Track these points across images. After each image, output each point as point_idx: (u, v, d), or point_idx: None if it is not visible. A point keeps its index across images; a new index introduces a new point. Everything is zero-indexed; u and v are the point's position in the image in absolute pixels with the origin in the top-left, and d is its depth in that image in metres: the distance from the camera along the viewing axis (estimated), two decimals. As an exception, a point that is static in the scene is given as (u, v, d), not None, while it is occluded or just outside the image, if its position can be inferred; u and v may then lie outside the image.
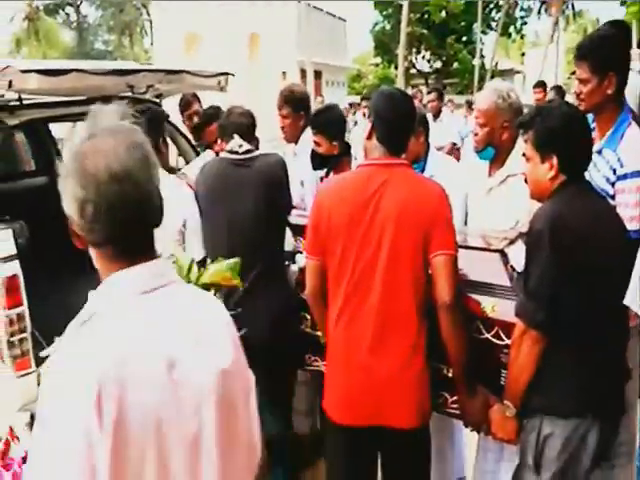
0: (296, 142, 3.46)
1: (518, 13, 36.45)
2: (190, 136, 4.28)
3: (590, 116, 2.21)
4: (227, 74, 3.90)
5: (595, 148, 2.12)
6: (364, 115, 6.84)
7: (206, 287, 1.90)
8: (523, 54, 50.03)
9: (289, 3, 23.82)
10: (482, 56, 33.23)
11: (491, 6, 36.03)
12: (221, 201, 2.65)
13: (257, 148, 2.82)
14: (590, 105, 2.20)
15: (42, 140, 4.79)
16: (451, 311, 2.00)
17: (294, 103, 3.39)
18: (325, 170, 3.08)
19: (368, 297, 2.06)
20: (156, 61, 24.18)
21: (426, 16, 35.14)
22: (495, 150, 2.61)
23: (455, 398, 2.21)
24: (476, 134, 2.62)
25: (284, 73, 23.89)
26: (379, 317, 2.05)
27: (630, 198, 2.14)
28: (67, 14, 40.45)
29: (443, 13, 34.74)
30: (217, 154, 3.20)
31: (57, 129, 5.03)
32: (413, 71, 36.85)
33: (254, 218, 2.61)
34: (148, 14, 34.03)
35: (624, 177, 2.15)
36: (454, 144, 7.19)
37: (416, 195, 2.06)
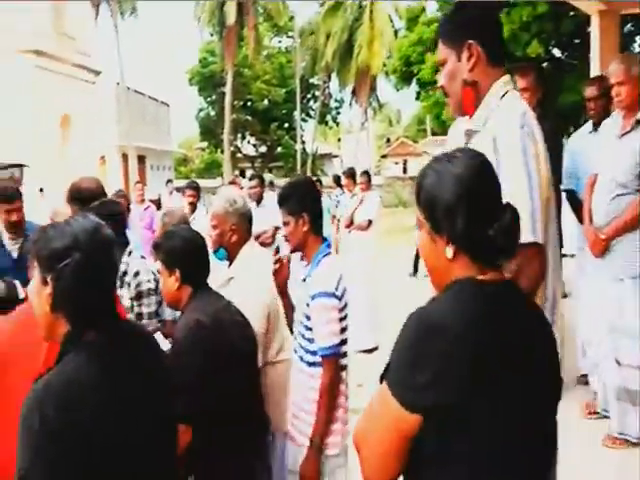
0: None
1: (333, 103, 39.58)
2: None
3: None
4: (22, 166, 3.56)
5: (301, 277, 2.44)
6: (189, 204, 6.75)
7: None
8: (339, 140, 53.94)
9: (106, 84, 23.21)
10: (303, 142, 35.21)
11: (309, 96, 38.73)
12: None
13: None
14: (294, 245, 2.47)
15: None
16: None
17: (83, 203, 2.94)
18: None
19: None
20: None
21: (249, 103, 36.65)
22: (226, 250, 2.78)
23: None
24: (210, 236, 2.75)
25: (103, 157, 23.02)
26: None
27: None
28: None
29: (266, 101, 36.51)
30: None
31: None
32: (239, 155, 37.84)
33: None
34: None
35: (313, 298, 2.32)
36: (277, 228, 7.27)
37: None
